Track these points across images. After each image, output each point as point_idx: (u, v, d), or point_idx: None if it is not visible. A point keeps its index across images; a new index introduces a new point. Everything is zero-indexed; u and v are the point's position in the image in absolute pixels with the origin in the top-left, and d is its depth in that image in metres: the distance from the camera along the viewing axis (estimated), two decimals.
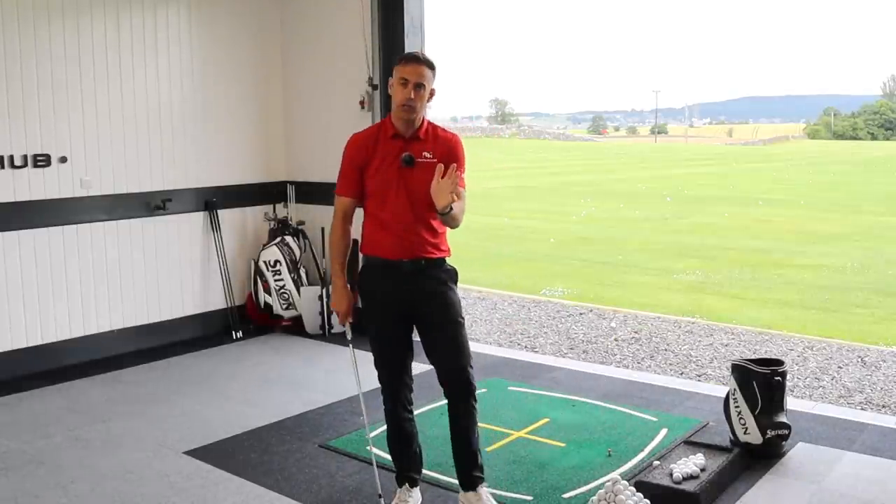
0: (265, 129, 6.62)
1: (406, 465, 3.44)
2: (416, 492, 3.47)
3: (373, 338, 3.35)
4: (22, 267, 5.26)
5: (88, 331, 5.60)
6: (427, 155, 3.22)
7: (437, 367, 3.30)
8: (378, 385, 3.39)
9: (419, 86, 3.18)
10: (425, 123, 3.31)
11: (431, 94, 3.26)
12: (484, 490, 3.36)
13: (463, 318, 3.31)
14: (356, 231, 3.39)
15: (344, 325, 3.42)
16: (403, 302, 3.26)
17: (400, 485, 3.46)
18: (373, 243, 3.30)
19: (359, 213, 3.36)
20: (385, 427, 3.47)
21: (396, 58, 3.34)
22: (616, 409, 4.63)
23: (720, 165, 37.53)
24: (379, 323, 3.32)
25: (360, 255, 3.36)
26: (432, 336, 3.29)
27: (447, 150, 3.26)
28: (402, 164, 3.20)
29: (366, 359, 3.42)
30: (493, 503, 3.38)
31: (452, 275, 3.33)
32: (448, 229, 3.32)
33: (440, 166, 3.08)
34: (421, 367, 3.48)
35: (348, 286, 3.36)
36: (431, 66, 3.22)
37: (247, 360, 5.69)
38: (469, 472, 3.35)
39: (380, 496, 3.44)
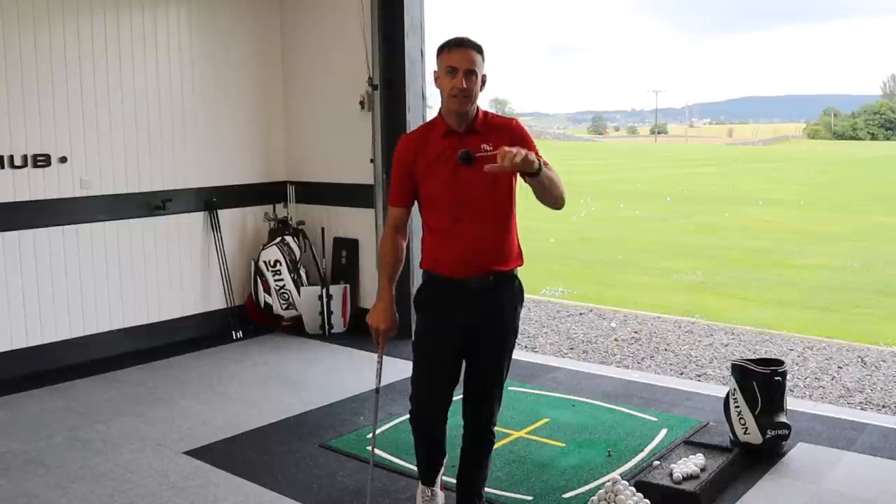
0: (265, 129, 6.62)
1: (433, 466, 3.18)
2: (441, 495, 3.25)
3: (420, 358, 3.02)
4: (22, 267, 5.25)
5: (88, 331, 5.60)
6: (487, 148, 2.76)
7: (467, 405, 3.06)
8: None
9: (470, 72, 2.79)
10: (480, 114, 2.90)
11: (483, 80, 2.85)
12: None
13: (510, 359, 3.05)
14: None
15: (378, 345, 3.06)
16: (465, 325, 2.92)
17: (429, 483, 3.20)
18: (433, 258, 2.95)
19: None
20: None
21: (438, 47, 2.87)
22: (616, 409, 4.62)
23: (720, 165, 37.50)
24: (434, 345, 2.97)
25: (422, 272, 3.05)
26: (477, 367, 3.01)
27: (509, 137, 2.81)
28: (460, 162, 2.76)
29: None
30: None
31: (520, 296, 3.03)
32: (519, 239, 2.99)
33: (502, 148, 2.59)
34: None
35: (394, 305, 3.01)
36: (480, 50, 2.83)
37: (247, 360, 5.69)
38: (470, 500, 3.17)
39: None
